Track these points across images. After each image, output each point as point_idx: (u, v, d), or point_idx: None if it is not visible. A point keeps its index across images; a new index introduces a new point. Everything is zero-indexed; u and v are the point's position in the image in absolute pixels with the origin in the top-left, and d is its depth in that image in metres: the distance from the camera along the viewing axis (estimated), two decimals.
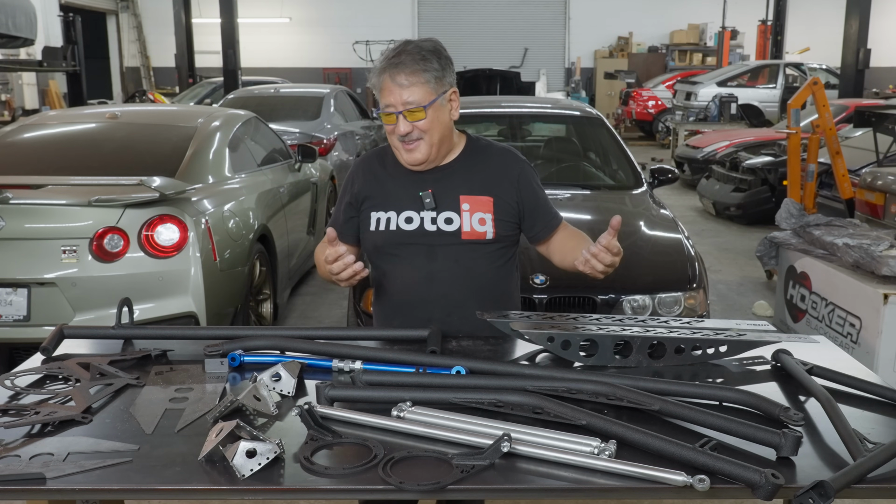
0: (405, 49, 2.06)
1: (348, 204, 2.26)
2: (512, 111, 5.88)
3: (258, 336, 2.01)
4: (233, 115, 5.28)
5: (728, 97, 13.49)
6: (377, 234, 2.19)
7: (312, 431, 1.55)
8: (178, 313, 3.69)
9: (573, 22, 21.99)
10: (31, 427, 1.59)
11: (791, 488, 1.39)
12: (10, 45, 8.57)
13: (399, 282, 2.20)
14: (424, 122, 2.06)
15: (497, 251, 2.20)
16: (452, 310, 2.16)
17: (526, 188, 2.22)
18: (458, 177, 2.18)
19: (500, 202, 2.18)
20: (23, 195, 3.64)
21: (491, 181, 2.19)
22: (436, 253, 2.15)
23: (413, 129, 2.06)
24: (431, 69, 2.05)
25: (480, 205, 2.15)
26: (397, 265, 2.19)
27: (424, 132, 2.07)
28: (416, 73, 2.03)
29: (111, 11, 21.97)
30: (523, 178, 2.22)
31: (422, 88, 2.03)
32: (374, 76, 2.09)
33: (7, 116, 13.57)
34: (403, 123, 2.05)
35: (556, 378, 1.76)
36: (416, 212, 2.16)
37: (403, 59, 2.03)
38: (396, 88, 2.03)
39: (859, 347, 3.96)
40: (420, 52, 2.05)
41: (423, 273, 2.16)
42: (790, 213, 4.92)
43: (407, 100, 2.03)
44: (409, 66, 2.02)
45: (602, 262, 2.02)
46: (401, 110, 2.04)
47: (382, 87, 2.06)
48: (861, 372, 1.97)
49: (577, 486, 1.42)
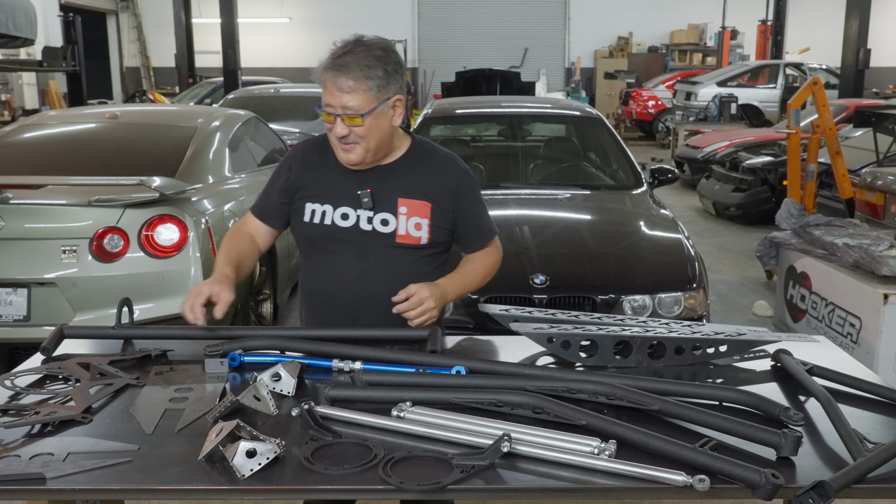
0: (352, 50, 2.01)
1: (282, 189, 2.24)
2: (512, 111, 5.88)
3: (258, 336, 2.01)
4: (233, 115, 5.28)
5: (728, 97, 13.47)
6: (311, 227, 2.18)
7: (312, 431, 1.55)
8: (178, 313, 3.66)
9: (573, 22, 21.98)
10: (31, 427, 1.60)
11: (791, 488, 1.39)
12: (10, 45, 8.56)
13: (329, 278, 2.19)
14: (361, 128, 2.03)
15: (429, 256, 2.21)
16: (380, 310, 2.14)
17: (464, 198, 2.22)
18: (399, 179, 2.17)
19: (438, 209, 2.17)
20: (23, 195, 3.64)
21: (430, 187, 2.18)
22: (368, 253, 2.15)
23: (350, 133, 2.04)
24: (375, 77, 2.00)
25: (418, 209, 2.15)
26: (328, 260, 2.19)
27: (361, 137, 2.05)
28: (359, 80, 1.99)
29: (111, 11, 21.96)
30: (462, 187, 2.22)
31: (363, 96, 2.00)
32: (318, 71, 2.05)
33: (7, 116, 13.58)
34: (341, 126, 2.03)
35: (556, 378, 1.76)
36: (353, 209, 2.15)
37: (349, 61, 1.99)
38: (337, 91, 2.00)
39: (859, 347, 3.96)
40: (367, 58, 2.00)
41: (354, 272, 2.16)
42: (790, 213, 4.92)
43: (346, 104, 2.00)
44: (352, 72, 1.99)
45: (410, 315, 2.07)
46: (339, 113, 2.02)
47: (325, 86, 2.03)
48: (861, 372, 1.97)
49: (577, 486, 1.42)
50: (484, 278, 2.26)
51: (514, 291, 3.49)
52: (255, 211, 2.31)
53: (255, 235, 2.29)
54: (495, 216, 2.25)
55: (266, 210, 2.28)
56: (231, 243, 2.23)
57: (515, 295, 3.48)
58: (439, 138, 5.62)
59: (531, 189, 4.86)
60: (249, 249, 2.25)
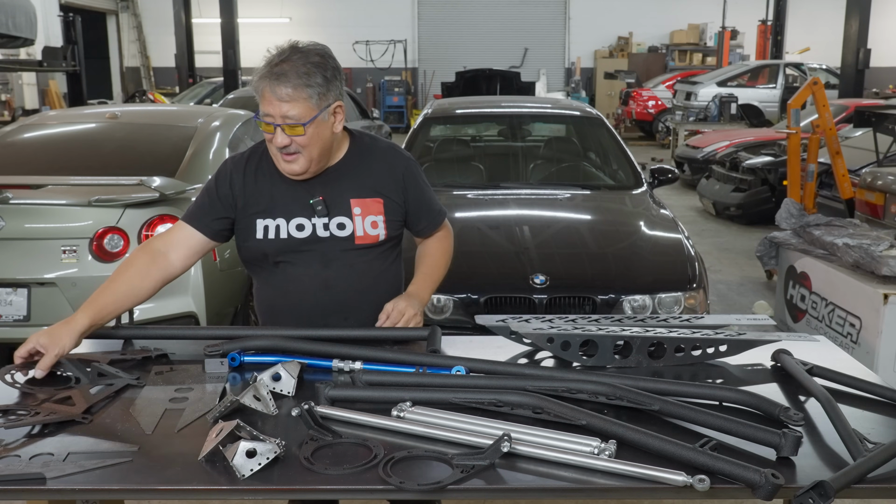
0: (290, 58, 1.95)
1: (219, 202, 2.12)
2: (512, 111, 5.88)
3: (258, 336, 2.01)
4: (233, 115, 5.28)
5: (728, 97, 13.47)
6: (266, 243, 2.11)
7: (312, 431, 1.55)
8: (178, 313, 3.68)
9: (573, 22, 21.98)
10: (31, 427, 1.60)
11: (791, 488, 1.39)
12: (10, 45, 8.55)
13: (292, 289, 2.15)
14: (303, 138, 1.98)
15: (387, 250, 2.22)
16: (349, 313, 2.15)
17: (411, 185, 2.22)
18: (347, 180, 2.15)
19: (390, 202, 2.18)
20: (23, 195, 3.64)
21: (379, 182, 2.17)
22: (329, 259, 2.13)
23: (291, 143, 1.99)
24: (315, 84, 1.95)
25: (371, 207, 2.14)
26: (288, 273, 2.14)
27: (303, 147, 2.00)
28: (298, 89, 1.94)
29: (111, 11, 21.96)
30: (408, 174, 2.22)
31: (303, 105, 1.95)
32: (255, 80, 1.99)
33: (7, 116, 13.58)
34: (281, 136, 1.98)
35: (556, 378, 1.76)
36: (308, 218, 2.11)
37: (286, 70, 1.94)
38: (276, 101, 1.94)
39: (859, 347, 3.96)
40: (305, 65, 1.95)
41: (319, 280, 2.13)
42: (790, 213, 4.92)
43: (286, 114, 1.95)
44: (291, 80, 1.93)
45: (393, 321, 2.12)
46: (280, 123, 1.96)
47: (263, 95, 1.97)
48: (861, 372, 1.97)
49: (577, 486, 1.42)
50: (446, 266, 2.33)
51: (514, 291, 3.49)
52: (189, 218, 2.15)
53: (176, 250, 2.11)
54: (495, 216, 2.25)
55: (203, 220, 2.13)
56: (120, 277, 2.04)
57: (515, 295, 3.48)
58: (439, 138, 5.63)
59: (531, 189, 4.86)
60: (140, 285, 2.04)
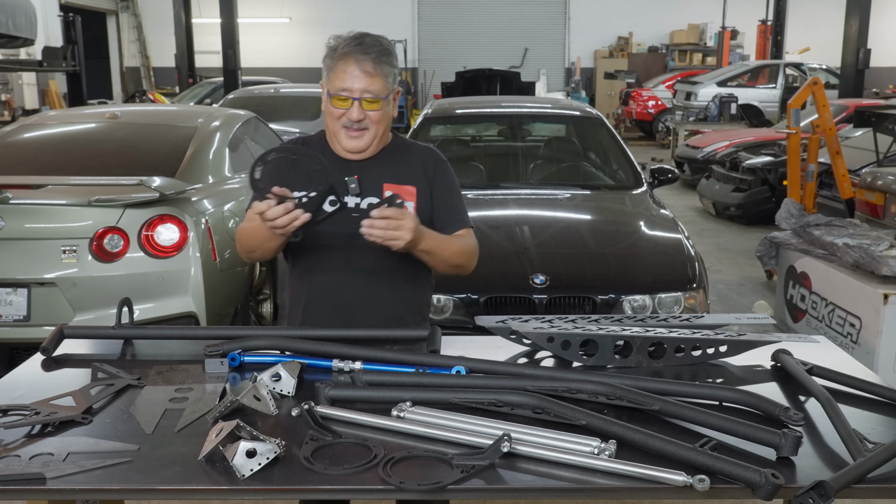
0: (365, 40, 2.05)
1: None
2: (512, 111, 5.88)
3: (258, 336, 2.01)
4: (233, 115, 5.28)
5: (728, 97, 13.47)
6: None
7: (312, 431, 1.55)
8: (178, 313, 3.68)
9: (573, 22, 21.98)
10: (31, 427, 1.60)
11: (791, 488, 1.39)
12: (10, 45, 8.55)
13: (316, 264, 2.19)
14: (377, 113, 2.07)
15: None
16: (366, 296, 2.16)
17: (439, 180, 2.24)
18: (382, 167, 2.20)
19: (422, 193, 2.21)
20: (23, 195, 3.64)
21: (413, 173, 2.22)
22: (356, 235, 2.10)
23: (365, 118, 2.07)
24: (392, 65, 2.08)
25: (404, 193, 2.17)
26: (316, 249, 2.18)
27: (374, 123, 2.09)
28: (381, 65, 2.04)
29: (111, 11, 21.96)
30: (439, 170, 2.25)
31: (381, 81, 2.05)
32: (331, 57, 2.06)
33: (7, 116, 13.57)
34: (358, 110, 2.05)
35: (556, 378, 1.76)
36: (340, 196, 2.15)
37: (369, 47, 2.03)
38: (361, 75, 2.02)
39: (859, 347, 3.96)
40: (382, 47, 2.07)
41: (342, 255, 2.15)
42: (790, 213, 4.92)
43: (368, 88, 2.03)
44: (373, 57, 2.03)
45: (374, 231, 1.94)
46: (358, 97, 2.04)
47: (343, 70, 2.03)
48: (861, 372, 1.97)
49: (577, 486, 1.42)
50: (457, 254, 2.18)
51: (514, 291, 3.49)
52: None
53: None
54: (495, 216, 2.24)
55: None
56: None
57: (515, 295, 3.48)
58: (439, 138, 5.62)
59: (531, 189, 4.86)
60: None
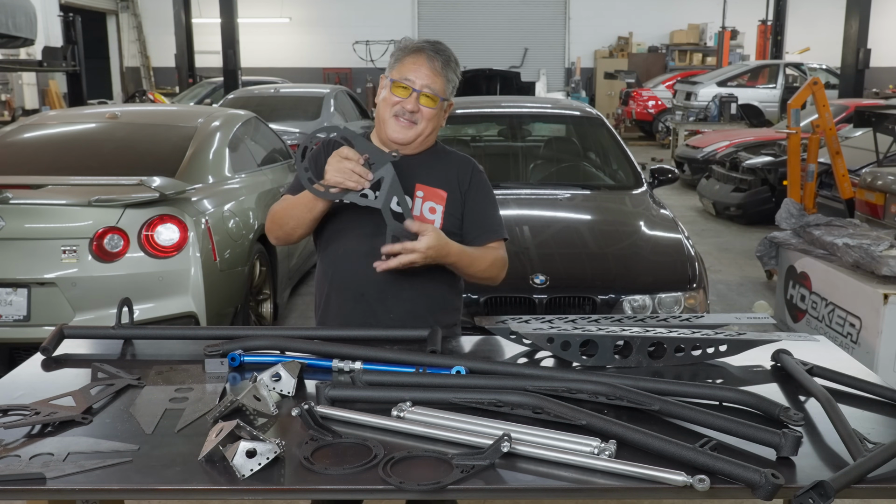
0: (439, 45, 2.19)
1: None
2: (512, 111, 5.88)
3: (258, 336, 2.02)
4: (233, 115, 5.28)
5: (728, 97, 13.47)
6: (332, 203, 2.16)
7: (312, 431, 1.55)
8: (178, 313, 3.68)
9: (573, 22, 21.98)
10: (31, 427, 1.60)
11: (791, 488, 1.39)
12: (10, 45, 8.56)
13: (341, 256, 2.20)
14: (431, 111, 2.15)
15: None
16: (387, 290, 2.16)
17: (475, 190, 2.27)
18: (418, 169, 2.23)
19: (453, 199, 2.23)
20: (23, 195, 3.64)
21: (447, 178, 2.25)
22: (380, 230, 2.11)
23: (418, 111, 2.14)
24: (457, 74, 2.21)
25: (434, 196, 2.21)
26: (342, 237, 2.20)
27: (424, 119, 2.16)
28: (448, 70, 2.17)
29: (111, 11, 21.96)
30: (475, 179, 2.29)
31: (442, 83, 2.16)
32: (403, 50, 2.16)
33: (7, 116, 13.56)
34: (414, 102, 2.13)
35: (556, 378, 1.76)
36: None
37: (442, 51, 2.17)
38: (429, 71, 2.13)
39: (859, 347, 3.96)
40: (453, 56, 2.21)
41: (366, 247, 2.14)
42: (790, 213, 4.92)
43: (430, 84, 2.13)
44: (444, 61, 2.16)
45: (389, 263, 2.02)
46: (419, 90, 2.12)
47: (413, 62, 2.13)
48: (861, 372, 1.97)
49: (577, 486, 1.42)
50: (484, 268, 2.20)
51: (514, 291, 3.49)
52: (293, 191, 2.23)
53: None
54: None
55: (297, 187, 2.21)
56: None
57: (515, 295, 3.48)
58: (439, 138, 5.60)
59: (531, 189, 4.86)
60: None
